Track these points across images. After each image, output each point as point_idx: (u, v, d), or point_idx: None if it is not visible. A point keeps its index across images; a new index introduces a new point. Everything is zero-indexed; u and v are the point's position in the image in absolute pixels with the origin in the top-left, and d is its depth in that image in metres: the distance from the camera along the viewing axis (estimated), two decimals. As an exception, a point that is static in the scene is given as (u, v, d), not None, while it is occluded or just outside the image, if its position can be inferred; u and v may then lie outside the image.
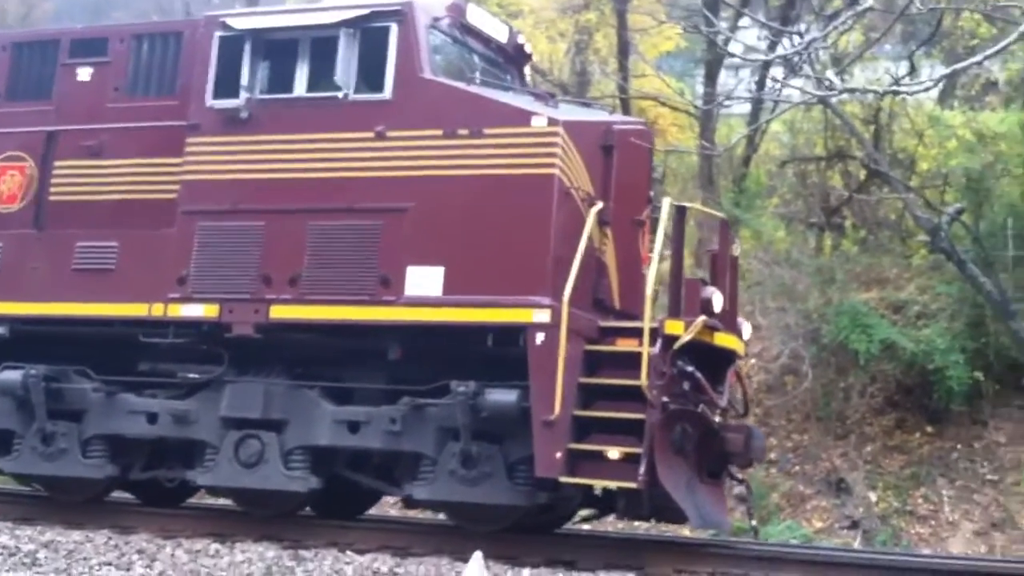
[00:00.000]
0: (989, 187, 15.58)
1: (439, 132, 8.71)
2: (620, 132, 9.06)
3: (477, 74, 9.52)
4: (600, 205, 8.63)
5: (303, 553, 8.22)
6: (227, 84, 9.35)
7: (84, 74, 10.36)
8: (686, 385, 8.27)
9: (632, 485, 7.87)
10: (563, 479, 8.04)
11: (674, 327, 8.22)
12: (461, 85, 8.91)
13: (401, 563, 7.95)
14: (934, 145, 17.65)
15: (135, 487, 10.33)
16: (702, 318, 8.15)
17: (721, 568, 8.16)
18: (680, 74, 23.90)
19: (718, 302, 8.40)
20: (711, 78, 19.02)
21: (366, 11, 9.04)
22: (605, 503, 9.24)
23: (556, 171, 8.40)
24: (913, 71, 18.24)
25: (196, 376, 9.20)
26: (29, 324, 9.60)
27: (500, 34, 9.92)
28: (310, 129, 9.10)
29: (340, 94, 9.01)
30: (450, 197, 8.60)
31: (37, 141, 10.19)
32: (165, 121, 9.73)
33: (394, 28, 9.00)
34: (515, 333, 8.25)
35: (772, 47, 7.11)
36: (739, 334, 8.99)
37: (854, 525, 13.71)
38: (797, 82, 7.25)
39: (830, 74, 6.52)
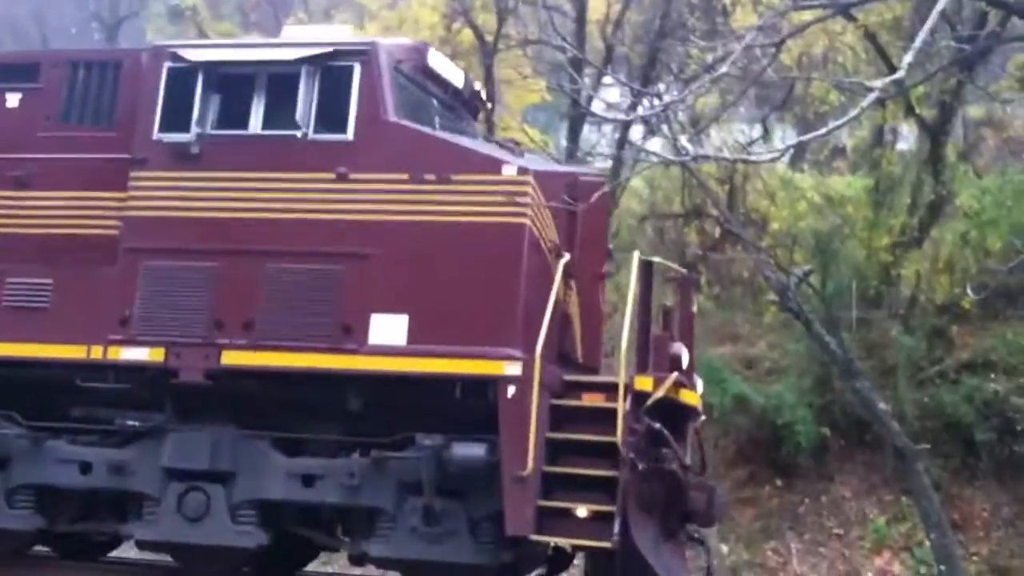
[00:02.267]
0: (836, 249, 16.31)
1: (405, 176, 8.48)
2: (585, 184, 8.97)
3: (437, 119, 9.33)
4: (567, 256, 8.51)
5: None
6: (176, 117, 8.93)
7: (12, 100, 9.81)
8: (649, 443, 8.18)
9: (606, 544, 7.71)
10: (534, 537, 7.84)
11: (644, 383, 8.13)
12: (427, 130, 8.71)
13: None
14: (785, 206, 18.27)
15: (55, 540, 9.70)
16: (675, 375, 8.08)
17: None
18: (544, 127, 24.13)
19: (686, 358, 8.35)
20: (574, 133, 19.24)
21: (328, 49, 8.76)
22: (556, 562, 9.08)
23: (527, 220, 8.25)
24: (766, 134, 18.91)
25: (136, 424, 8.71)
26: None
27: (458, 80, 9.75)
28: (266, 167, 8.75)
29: (299, 133, 8.70)
30: (416, 243, 8.37)
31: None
32: (102, 153, 9.26)
33: (357, 68, 8.74)
34: (483, 385, 8.04)
35: (633, 107, 7.32)
36: (695, 390, 8.96)
37: (708, 577, 13.82)
38: (654, 143, 7.36)
39: (683, 139, 6.60)
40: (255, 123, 8.88)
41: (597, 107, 13.76)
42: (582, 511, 7.96)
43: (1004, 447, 14.39)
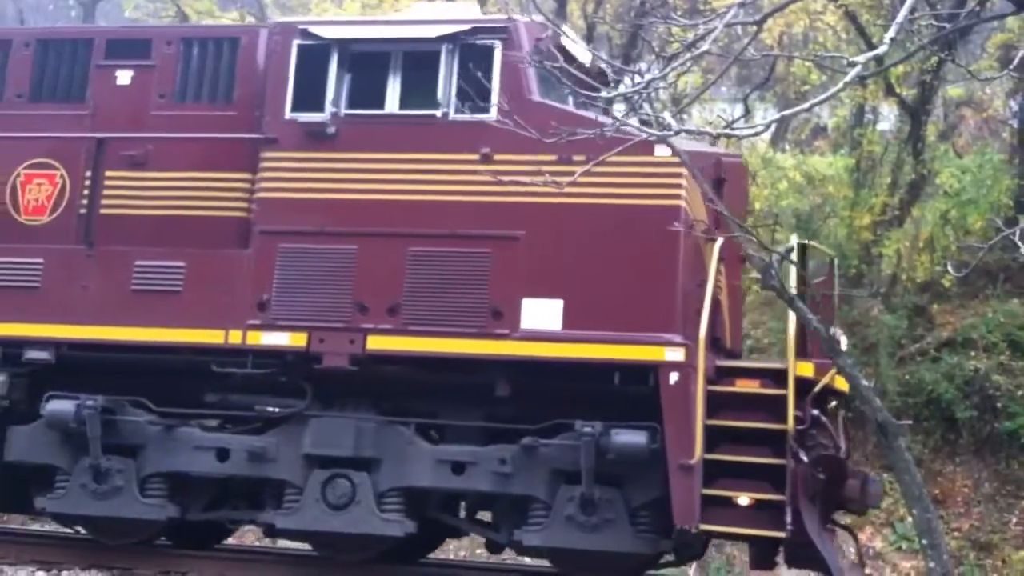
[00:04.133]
0: (817, 228, 16.41)
1: (553, 158, 8.27)
2: (730, 165, 8.79)
3: (571, 98, 9.11)
4: (721, 239, 8.34)
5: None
6: (308, 96, 8.70)
7: (123, 77, 9.54)
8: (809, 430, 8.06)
9: (780, 534, 7.58)
10: (702, 527, 7.70)
11: (805, 369, 7.99)
12: (573, 109, 8.50)
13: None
14: (767, 186, 18.27)
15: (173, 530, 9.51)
16: (849, 361, 7.93)
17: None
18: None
19: (844, 343, 8.20)
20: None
21: (467, 27, 8.53)
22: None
23: (682, 202, 8.08)
24: (748, 113, 18.90)
25: (277, 410, 8.52)
26: (78, 349, 8.74)
27: (585, 58, 9.52)
28: (405, 148, 8.53)
29: (439, 112, 8.49)
30: (566, 225, 8.18)
31: (71, 148, 9.33)
32: (222, 132, 9.03)
33: (498, 46, 8.52)
34: (641, 371, 7.89)
35: (616, 84, 7.33)
36: None
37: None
38: (634, 122, 7.34)
39: (667, 115, 6.48)
40: (392, 102, 8.66)
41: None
42: (744, 499, 7.84)
43: (984, 424, 14.45)
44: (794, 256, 8.22)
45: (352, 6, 20.93)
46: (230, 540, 11.56)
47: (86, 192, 9.19)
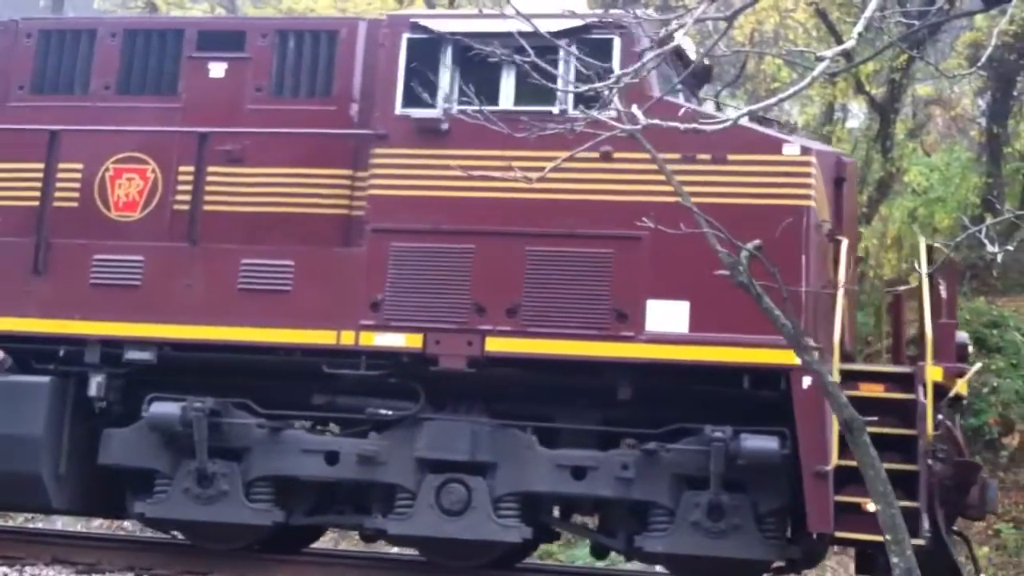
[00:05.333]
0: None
1: (676, 156, 8.11)
2: (849, 165, 8.65)
3: (681, 94, 8.95)
4: (846, 240, 8.20)
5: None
6: (419, 92, 8.51)
7: (217, 70, 9.32)
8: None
9: (919, 541, 7.44)
10: (838, 534, 7.56)
11: (935, 373, 7.85)
12: (696, 107, 8.35)
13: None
14: None
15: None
16: (978, 365, 7.81)
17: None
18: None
19: (971, 347, 8.08)
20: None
21: (585, 21, 8.35)
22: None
23: (812, 202, 7.93)
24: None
25: (390, 413, 8.31)
26: (181, 349, 8.52)
27: (692, 53, 9.37)
28: (521, 146, 8.34)
29: (556, 109, 8.31)
30: (689, 225, 8.00)
31: (163, 142, 9.11)
32: (321, 127, 8.83)
33: (617, 41, 8.36)
34: (773, 376, 7.73)
35: (587, 80, 7.34)
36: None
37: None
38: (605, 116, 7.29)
39: (635, 108, 6.42)
40: (506, 99, 8.48)
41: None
42: (871, 506, 7.68)
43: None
44: (923, 259, 8.08)
45: None
46: None
47: (181, 187, 8.98)
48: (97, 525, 12.89)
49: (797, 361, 7.64)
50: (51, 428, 8.52)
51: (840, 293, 7.87)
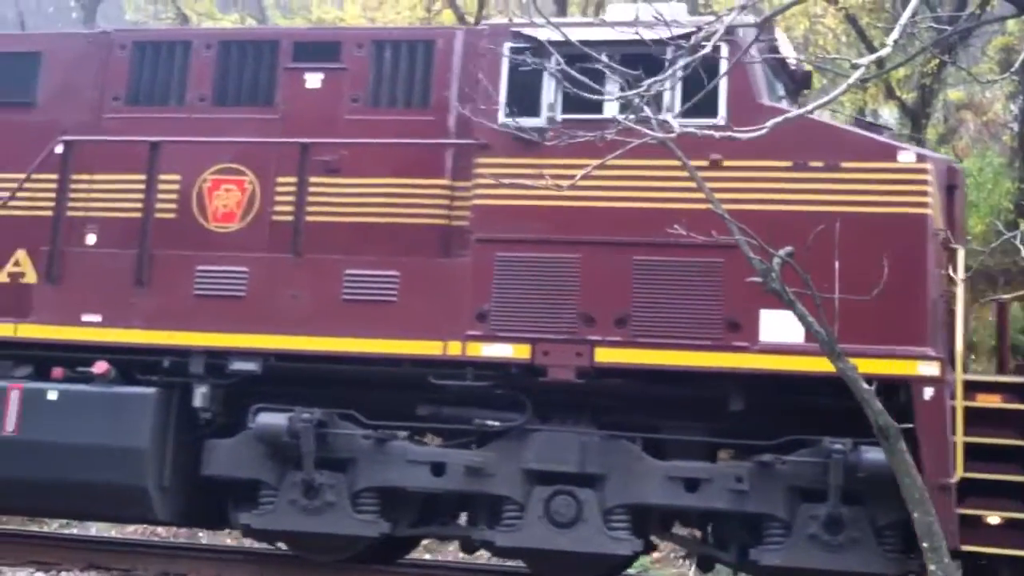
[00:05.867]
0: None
1: (788, 164, 8.01)
2: (960, 172, 8.51)
3: (784, 101, 8.85)
4: (962, 248, 8.06)
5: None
6: (522, 101, 8.46)
7: (313, 80, 9.30)
8: None
9: (1050, 556, 7.29)
10: (964, 548, 7.41)
11: (1048, 383, 7.71)
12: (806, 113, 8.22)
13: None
14: None
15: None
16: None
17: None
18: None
19: None
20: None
21: (692, 29, 8.25)
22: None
23: (929, 211, 7.79)
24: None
25: (497, 424, 8.25)
26: (286, 360, 8.49)
27: (793, 59, 9.26)
28: (627, 154, 8.25)
29: (666, 117, 8.21)
30: (801, 234, 7.88)
31: (261, 153, 9.10)
32: (419, 137, 8.79)
33: (724, 49, 8.24)
34: (892, 387, 7.60)
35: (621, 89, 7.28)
36: None
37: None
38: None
39: (669, 116, 6.53)
40: (611, 107, 8.39)
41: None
42: (994, 519, 7.55)
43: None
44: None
45: (353, 8, 20.78)
46: (228, 540, 11.86)
47: (279, 198, 8.98)
48: (131, 531, 12.98)
49: (918, 371, 7.58)
50: (157, 439, 8.53)
51: (960, 302, 7.72)
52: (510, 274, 8.21)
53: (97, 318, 8.72)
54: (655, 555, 11.27)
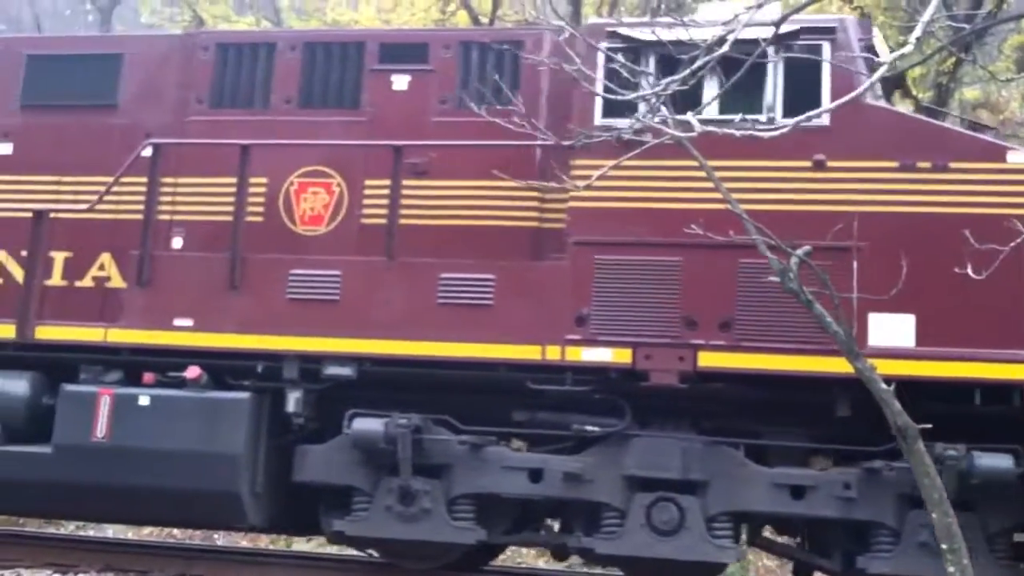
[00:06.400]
0: None
1: (894, 164, 7.87)
2: None
3: (882, 101, 8.71)
4: None
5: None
6: (619, 102, 8.33)
7: (400, 82, 9.23)
8: None
9: None
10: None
11: None
12: (911, 113, 8.10)
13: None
14: None
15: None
16: None
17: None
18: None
19: None
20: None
21: (794, 27, 8.13)
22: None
23: None
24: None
25: (596, 429, 8.13)
26: (381, 364, 8.40)
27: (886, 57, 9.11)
28: (725, 155, 8.13)
29: (764, 117, 8.09)
30: (908, 236, 7.75)
31: (348, 156, 9.03)
32: (507, 139, 8.68)
33: (826, 47, 8.13)
34: (1005, 391, 7.45)
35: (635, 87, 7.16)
36: None
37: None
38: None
39: (689, 116, 6.38)
40: (711, 107, 8.27)
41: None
42: None
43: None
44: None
45: (368, 10, 20.69)
46: (243, 543, 12.03)
47: (368, 201, 8.91)
48: (147, 533, 12.99)
49: (1037, 376, 7.42)
50: (251, 445, 8.45)
51: None
52: (609, 277, 8.10)
53: (189, 322, 8.66)
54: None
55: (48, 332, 8.92)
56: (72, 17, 30.25)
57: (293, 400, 8.50)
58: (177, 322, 8.68)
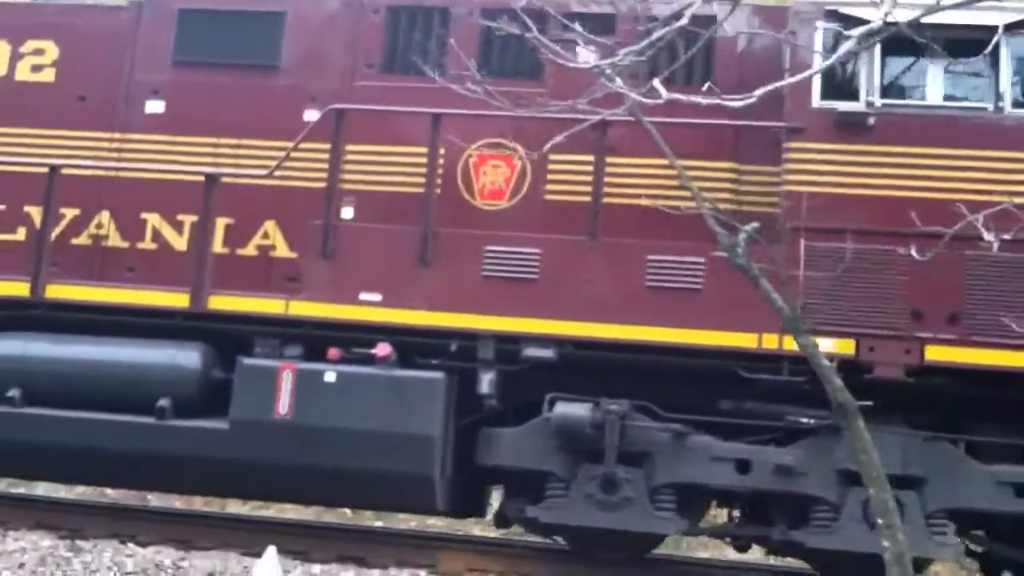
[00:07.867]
0: None
1: None
2: None
3: None
4: None
5: (80, 544, 7.93)
6: (840, 84, 8.09)
7: (585, 55, 8.88)
8: None
9: None
10: None
11: None
12: None
13: (186, 556, 7.79)
14: None
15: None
16: None
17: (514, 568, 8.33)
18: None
19: None
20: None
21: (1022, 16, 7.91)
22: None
23: None
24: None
25: (811, 421, 7.90)
26: (584, 348, 8.11)
27: None
28: (948, 143, 7.92)
29: (991, 107, 7.87)
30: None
31: (531, 129, 8.68)
32: (699, 117, 8.39)
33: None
34: None
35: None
36: None
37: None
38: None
39: (656, 83, 6.30)
40: (935, 93, 8.04)
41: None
42: None
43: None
44: None
45: None
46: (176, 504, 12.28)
47: (553, 176, 8.62)
48: (80, 492, 12.77)
49: None
50: (445, 426, 8.13)
51: None
52: (828, 265, 7.85)
53: (377, 297, 8.31)
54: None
55: (222, 302, 8.52)
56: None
57: (487, 381, 8.18)
58: (364, 296, 8.32)
